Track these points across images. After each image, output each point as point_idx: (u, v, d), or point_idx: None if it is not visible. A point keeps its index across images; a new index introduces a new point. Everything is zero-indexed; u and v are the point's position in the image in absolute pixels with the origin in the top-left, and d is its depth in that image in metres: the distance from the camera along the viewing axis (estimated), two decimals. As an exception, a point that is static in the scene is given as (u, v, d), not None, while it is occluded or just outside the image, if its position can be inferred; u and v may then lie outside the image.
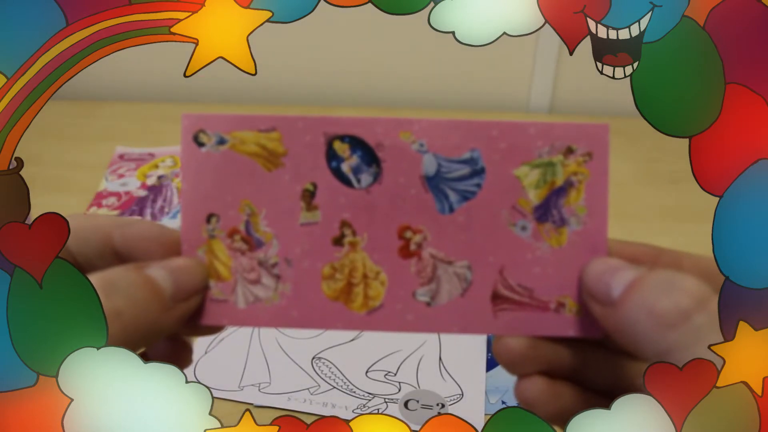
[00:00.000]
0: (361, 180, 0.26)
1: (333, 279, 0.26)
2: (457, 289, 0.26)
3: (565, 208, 0.26)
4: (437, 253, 0.26)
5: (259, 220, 0.26)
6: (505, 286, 0.26)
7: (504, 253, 0.26)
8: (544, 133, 0.26)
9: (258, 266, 0.26)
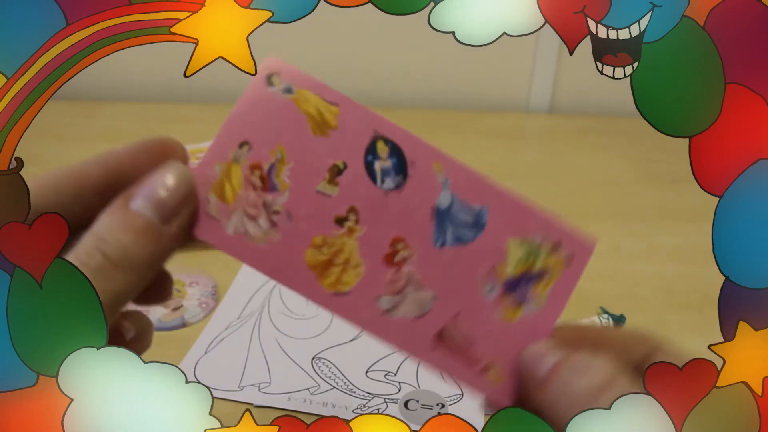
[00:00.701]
0: (385, 181, 0.28)
1: (319, 250, 0.27)
2: (413, 312, 0.28)
3: (530, 291, 0.29)
4: (415, 273, 0.28)
5: (284, 169, 0.27)
6: (453, 330, 0.28)
7: (466, 303, 0.28)
8: (544, 223, 0.29)
9: (261, 206, 0.27)
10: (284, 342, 0.51)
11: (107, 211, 0.28)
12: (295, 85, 0.28)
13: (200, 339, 0.51)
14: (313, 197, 0.27)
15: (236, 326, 0.52)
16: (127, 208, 0.27)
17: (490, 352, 0.28)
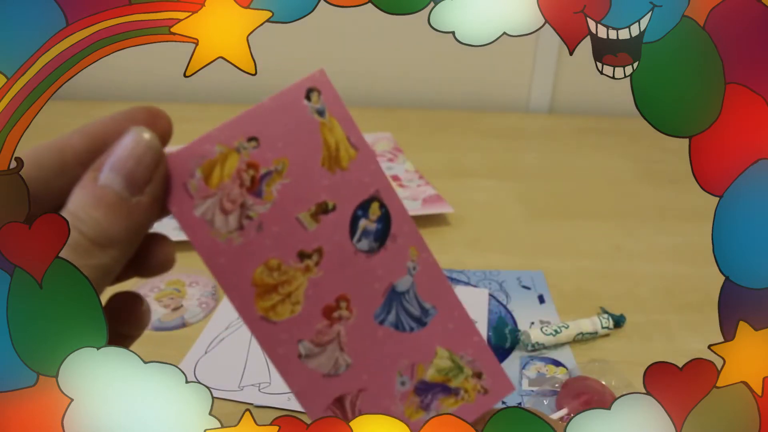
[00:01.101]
0: (361, 240, 0.28)
1: (270, 272, 0.27)
2: (325, 369, 0.28)
3: (436, 402, 0.29)
4: (343, 335, 0.28)
5: (277, 182, 0.27)
6: (351, 402, 0.28)
7: (375, 385, 0.29)
8: (479, 348, 0.30)
9: (239, 205, 0.27)
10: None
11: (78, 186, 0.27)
12: (329, 111, 0.28)
13: (200, 339, 0.51)
14: (290, 221, 0.27)
15: (236, 326, 0.52)
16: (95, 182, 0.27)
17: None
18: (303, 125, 0.27)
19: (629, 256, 0.64)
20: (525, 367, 0.48)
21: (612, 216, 0.71)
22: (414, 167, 0.79)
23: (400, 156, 0.82)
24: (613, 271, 0.61)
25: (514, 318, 0.54)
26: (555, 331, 0.50)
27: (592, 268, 0.62)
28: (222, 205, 0.27)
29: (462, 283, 0.58)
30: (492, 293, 0.56)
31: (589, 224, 0.69)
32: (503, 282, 0.58)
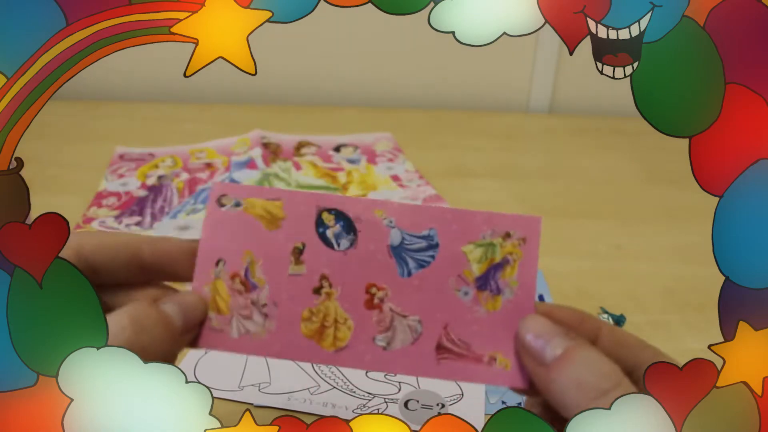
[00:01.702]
0: (340, 244, 0.31)
1: (310, 321, 0.31)
2: (408, 338, 0.31)
3: (501, 280, 0.31)
4: (395, 307, 0.31)
5: (257, 268, 0.32)
6: (448, 339, 0.31)
7: (449, 313, 0.31)
8: (488, 220, 0.32)
9: (251, 305, 0.32)
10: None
11: (144, 304, 0.31)
12: (241, 198, 0.32)
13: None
14: (288, 281, 0.31)
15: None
16: (161, 308, 0.31)
17: (488, 343, 0.31)
18: (235, 222, 0.32)
19: (629, 256, 0.64)
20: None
21: (612, 216, 0.71)
22: (414, 167, 0.79)
23: (400, 156, 0.82)
24: (613, 271, 0.61)
25: (515, 318, 0.54)
26: (555, 331, 0.50)
27: (592, 268, 0.62)
28: (243, 316, 0.31)
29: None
30: (492, 293, 0.57)
31: (589, 224, 0.69)
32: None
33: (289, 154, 0.82)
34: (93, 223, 0.67)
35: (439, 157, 0.83)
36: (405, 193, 0.73)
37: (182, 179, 0.77)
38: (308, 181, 0.76)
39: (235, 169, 0.78)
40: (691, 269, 0.61)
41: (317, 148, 0.84)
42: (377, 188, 0.75)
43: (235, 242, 0.32)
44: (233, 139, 0.85)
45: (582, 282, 0.59)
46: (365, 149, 0.84)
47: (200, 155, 0.82)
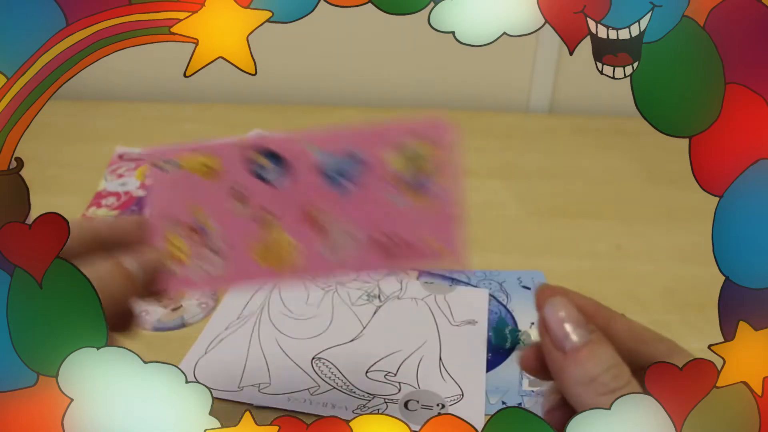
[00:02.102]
0: (275, 179, 0.34)
1: (261, 250, 0.34)
2: (351, 244, 0.34)
3: (423, 178, 0.33)
4: (334, 221, 0.34)
5: (205, 216, 0.34)
6: (386, 237, 0.34)
7: (383, 214, 0.34)
8: (402, 129, 0.33)
9: (206, 249, 0.34)
10: (284, 342, 0.51)
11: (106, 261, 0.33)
12: (176, 158, 0.34)
13: (200, 339, 0.51)
14: (235, 221, 0.34)
15: (236, 326, 0.52)
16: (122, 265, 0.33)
17: (422, 233, 0.34)
18: (177, 180, 0.34)
19: (630, 256, 0.64)
20: (525, 367, 0.48)
21: (612, 216, 0.71)
22: (414, 167, 0.79)
23: (400, 156, 0.83)
24: (613, 271, 0.61)
25: (515, 318, 0.54)
26: (555, 331, 0.50)
27: (592, 268, 0.61)
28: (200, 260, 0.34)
29: (462, 283, 0.58)
30: (492, 293, 0.56)
31: (589, 224, 0.69)
32: (503, 282, 0.58)
33: (289, 154, 0.82)
34: (93, 223, 0.67)
35: (439, 157, 0.83)
36: (405, 192, 0.73)
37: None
38: (308, 180, 0.76)
39: (235, 169, 0.78)
40: (692, 269, 0.61)
41: (317, 148, 0.84)
42: (377, 188, 0.75)
43: (181, 198, 0.34)
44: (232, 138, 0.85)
45: (582, 282, 0.59)
46: (365, 149, 0.84)
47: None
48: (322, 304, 0.55)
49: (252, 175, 0.34)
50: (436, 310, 0.54)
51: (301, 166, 0.33)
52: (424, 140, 0.34)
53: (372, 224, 0.34)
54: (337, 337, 0.51)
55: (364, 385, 0.46)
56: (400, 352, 0.49)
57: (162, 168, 0.34)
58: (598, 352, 0.30)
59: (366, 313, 0.54)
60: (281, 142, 0.34)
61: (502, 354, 0.49)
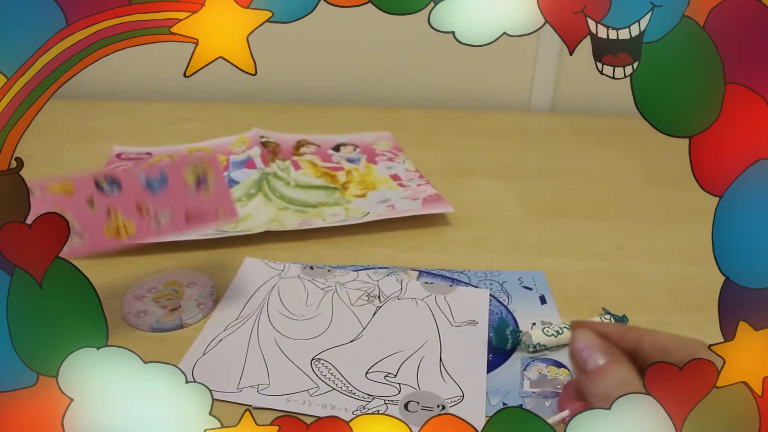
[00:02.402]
0: (113, 191, 0.52)
1: (108, 229, 0.52)
2: (168, 219, 0.53)
3: (207, 182, 0.56)
4: (155, 209, 0.53)
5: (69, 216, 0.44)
6: (190, 213, 0.54)
7: (186, 203, 0.54)
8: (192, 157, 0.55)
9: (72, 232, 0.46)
10: (283, 343, 0.50)
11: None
12: (44, 186, 0.50)
13: (198, 340, 0.51)
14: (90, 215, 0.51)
15: (235, 327, 0.52)
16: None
17: (213, 209, 0.55)
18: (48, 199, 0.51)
19: (631, 256, 0.64)
20: (526, 369, 0.48)
21: (614, 215, 0.71)
22: (414, 167, 0.79)
23: (400, 155, 0.82)
24: (615, 272, 0.61)
25: (516, 319, 0.54)
26: (557, 332, 0.50)
27: (594, 268, 0.61)
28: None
29: (463, 283, 0.58)
30: (493, 294, 0.56)
31: (591, 224, 0.69)
32: (504, 282, 0.58)
33: (288, 154, 0.82)
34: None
35: (439, 157, 0.83)
36: (405, 192, 0.73)
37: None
38: (307, 180, 0.76)
39: (233, 169, 0.78)
40: (694, 269, 0.61)
41: (316, 148, 0.84)
42: (377, 187, 0.75)
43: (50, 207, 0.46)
44: (231, 138, 0.85)
45: (583, 282, 0.59)
46: (365, 148, 0.84)
47: (197, 154, 0.82)
48: (321, 305, 0.55)
49: (97, 190, 0.52)
50: (436, 311, 0.54)
51: (131, 183, 0.53)
52: (203, 162, 0.55)
53: (176, 206, 0.54)
54: (337, 337, 0.51)
55: (363, 386, 0.46)
56: (401, 353, 0.49)
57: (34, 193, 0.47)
58: (612, 372, 0.34)
59: (366, 313, 0.54)
60: (119, 172, 0.53)
61: (503, 355, 0.49)
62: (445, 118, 0.97)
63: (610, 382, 0.33)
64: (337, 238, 0.65)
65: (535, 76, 1.02)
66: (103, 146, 0.84)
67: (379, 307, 0.54)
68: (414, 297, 0.56)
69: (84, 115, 0.94)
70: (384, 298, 0.55)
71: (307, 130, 0.88)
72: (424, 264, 0.61)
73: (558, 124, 0.97)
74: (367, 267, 0.60)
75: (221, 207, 0.55)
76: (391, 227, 0.66)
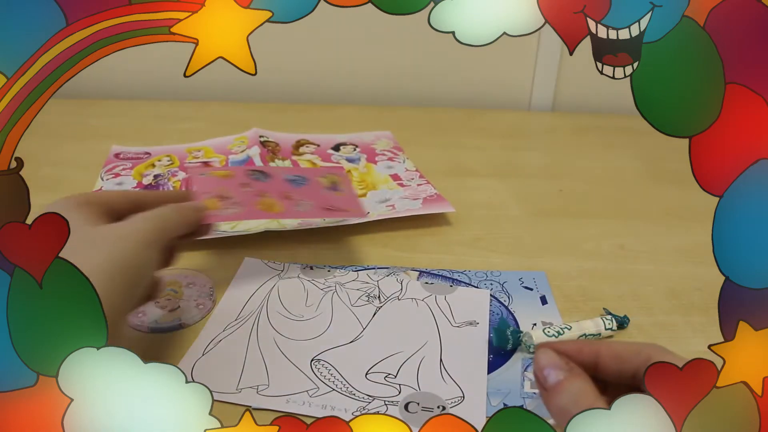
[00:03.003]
0: (263, 180, 0.60)
1: (261, 204, 0.56)
2: (309, 207, 0.58)
3: (338, 186, 0.63)
4: (299, 199, 0.59)
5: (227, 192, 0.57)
6: (327, 204, 0.59)
7: (323, 198, 0.60)
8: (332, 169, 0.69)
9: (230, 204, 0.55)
10: (283, 343, 0.50)
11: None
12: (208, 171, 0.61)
13: (197, 341, 0.51)
14: (246, 193, 0.57)
15: (234, 327, 0.52)
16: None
17: (345, 204, 0.61)
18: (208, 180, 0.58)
19: (633, 256, 0.64)
20: (527, 369, 0.48)
21: (615, 215, 0.71)
22: (414, 166, 0.79)
23: (400, 155, 0.82)
24: (616, 272, 0.61)
25: (516, 319, 0.54)
26: (558, 332, 0.50)
27: (595, 268, 0.61)
28: (225, 207, 0.55)
29: (463, 283, 0.58)
30: (493, 294, 0.56)
31: (592, 224, 0.69)
32: (505, 283, 0.58)
33: (287, 153, 0.82)
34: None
35: (440, 156, 0.83)
36: (405, 192, 0.73)
37: (179, 178, 0.76)
38: (308, 180, 0.76)
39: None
40: (696, 270, 0.61)
41: (316, 147, 0.84)
42: (377, 187, 0.75)
43: (212, 186, 0.57)
44: (231, 137, 0.85)
45: (585, 282, 0.59)
46: (365, 148, 0.84)
47: (197, 154, 0.82)
48: (321, 305, 0.55)
49: (250, 178, 0.60)
50: (436, 311, 0.54)
51: (277, 178, 0.61)
52: (336, 173, 0.65)
53: (315, 198, 0.60)
54: (337, 338, 0.51)
55: (363, 386, 0.46)
56: (401, 354, 0.49)
57: (200, 175, 0.59)
58: (568, 386, 0.36)
59: (366, 314, 0.54)
60: (267, 168, 0.64)
61: (503, 355, 0.49)
62: (445, 118, 0.97)
63: (566, 395, 0.36)
64: (337, 238, 0.65)
65: (535, 75, 1.02)
66: (102, 145, 0.84)
67: (379, 308, 0.54)
68: (414, 297, 0.56)
69: (83, 114, 0.94)
70: (384, 298, 0.55)
71: (307, 130, 0.88)
72: (424, 264, 0.61)
73: (559, 123, 0.97)
74: (367, 267, 0.60)
75: (352, 206, 0.60)
76: (391, 227, 0.66)
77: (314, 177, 0.62)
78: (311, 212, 0.57)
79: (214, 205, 0.54)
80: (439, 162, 0.82)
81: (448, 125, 0.94)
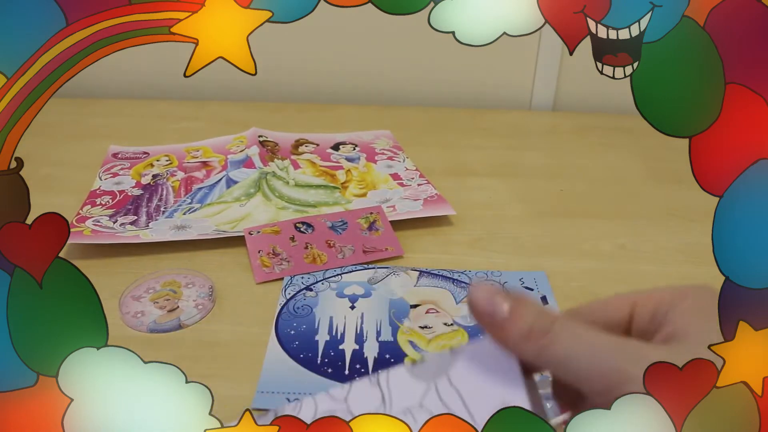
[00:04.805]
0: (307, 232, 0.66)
1: (307, 257, 0.63)
2: (351, 252, 0.63)
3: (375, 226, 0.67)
4: (340, 244, 0.65)
5: (278, 248, 0.65)
6: (366, 247, 0.64)
7: (362, 240, 0.65)
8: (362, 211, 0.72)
9: (280, 260, 0.63)
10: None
11: None
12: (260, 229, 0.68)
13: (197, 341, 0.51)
14: (293, 247, 0.64)
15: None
16: None
17: (382, 244, 0.64)
18: (260, 238, 0.66)
19: (634, 257, 0.64)
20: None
21: (616, 215, 0.71)
22: (414, 165, 0.79)
23: (400, 154, 0.82)
24: (617, 272, 0.61)
25: (515, 318, 0.54)
26: (555, 330, 0.50)
27: (596, 268, 0.61)
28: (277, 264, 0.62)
29: (464, 284, 0.58)
30: (492, 293, 0.57)
31: (593, 224, 0.69)
32: (505, 283, 0.58)
33: (286, 153, 0.82)
34: (87, 222, 0.67)
35: (440, 156, 0.83)
36: (405, 192, 0.73)
37: (178, 178, 0.76)
38: (306, 179, 0.76)
39: (231, 168, 0.78)
40: (698, 270, 0.61)
41: (315, 146, 0.84)
42: (377, 187, 0.75)
43: (264, 244, 0.64)
44: (229, 137, 0.85)
45: (585, 282, 0.59)
46: (364, 147, 0.84)
47: (196, 154, 0.82)
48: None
49: (296, 230, 0.66)
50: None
51: (322, 227, 0.67)
52: (373, 213, 0.69)
53: (355, 243, 0.65)
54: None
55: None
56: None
57: (250, 234, 0.65)
58: (524, 310, 0.32)
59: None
60: (311, 218, 0.69)
61: (502, 354, 0.49)
62: (445, 117, 0.97)
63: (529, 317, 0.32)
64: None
65: (536, 75, 1.02)
66: (101, 145, 0.84)
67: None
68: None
69: (82, 114, 0.94)
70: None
71: (306, 129, 0.88)
72: (424, 264, 0.61)
73: (560, 123, 0.97)
74: (366, 267, 0.60)
75: (389, 244, 0.65)
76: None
77: (354, 219, 0.68)
78: (352, 258, 0.63)
79: (267, 263, 0.61)
80: (440, 162, 0.82)
81: (448, 125, 0.94)
